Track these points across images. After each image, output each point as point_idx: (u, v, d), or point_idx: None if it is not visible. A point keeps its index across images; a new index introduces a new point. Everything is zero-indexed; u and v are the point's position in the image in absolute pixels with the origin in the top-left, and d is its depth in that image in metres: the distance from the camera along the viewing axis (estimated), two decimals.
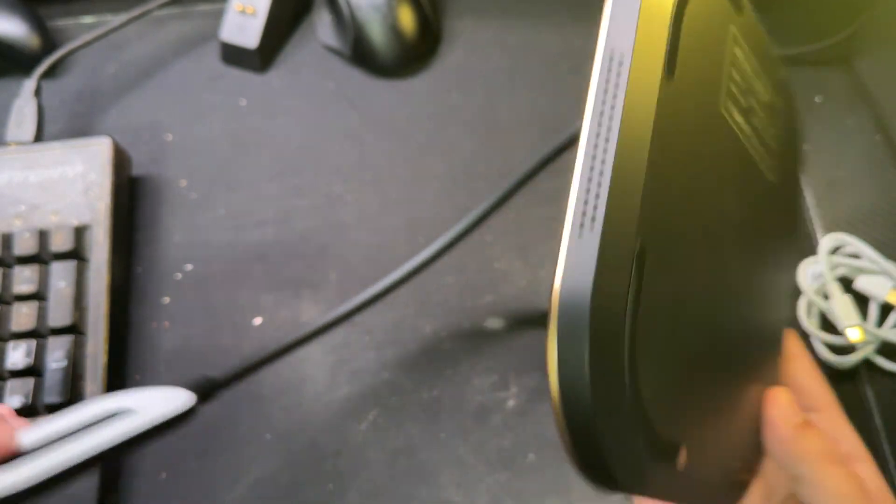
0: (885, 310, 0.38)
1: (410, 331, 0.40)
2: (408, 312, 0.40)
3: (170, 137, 0.46)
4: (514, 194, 0.37)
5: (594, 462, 0.17)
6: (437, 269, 0.37)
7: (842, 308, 0.37)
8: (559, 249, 0.17)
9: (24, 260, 0.38)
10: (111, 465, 0.36)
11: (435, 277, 0.40)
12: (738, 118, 0.22)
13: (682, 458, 0.19)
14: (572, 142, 0.36)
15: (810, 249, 0.41)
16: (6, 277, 0.38)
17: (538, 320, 0.40)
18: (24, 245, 0.38)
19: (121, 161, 0.42)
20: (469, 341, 0.40)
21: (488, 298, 0.41)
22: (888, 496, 0.25)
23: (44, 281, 0.38)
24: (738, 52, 0.22)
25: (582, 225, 0.17)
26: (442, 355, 0.39)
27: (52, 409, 0.36)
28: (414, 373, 0.39)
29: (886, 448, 0.37)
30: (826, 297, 0.38)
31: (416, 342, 0.40)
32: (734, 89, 0.22)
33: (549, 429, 0.37)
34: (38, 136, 0.43)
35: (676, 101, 0.19)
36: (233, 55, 0.48)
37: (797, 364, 0.27)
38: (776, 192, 0.26)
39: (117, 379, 0.39)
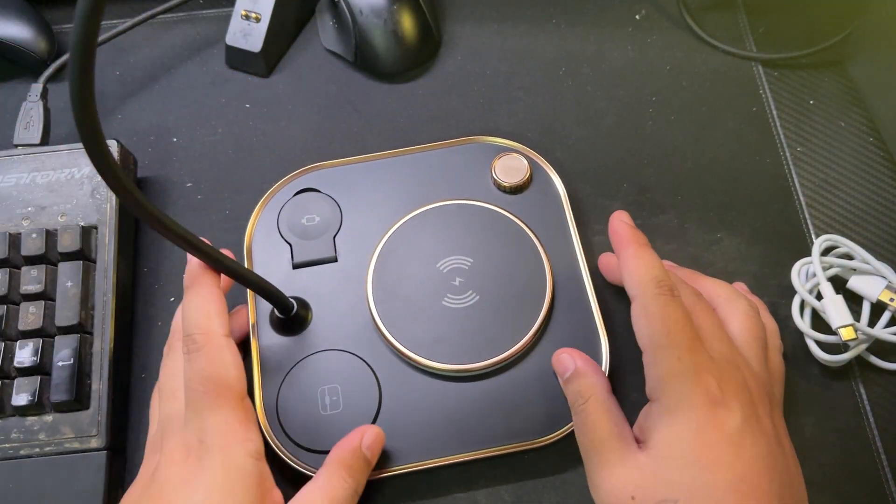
0: (878, 309, 0.39)
1: None
2: None
3: (175, 140, 0.46)
4: None
5: None
6: None
7: (834, 308, 0.37)
8: None
9: (32, 260, 0.39)
10: (117, 461, 0.37)
11: None
12: None
13: None
14: None
15: (803, 250, 0.41)
16: (14, 277, 0.38)
17: None
18: (32, 246, 0.39)
19: (127, 163, 0.43)
20: None
21: None
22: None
23: (51, 281, 0.39)
24: None
25: None
26: None
27: (59, 406, 0.36)
28: None
29: (879, 445, 0.37)
30: (819, 297, 0.38)
31: None
32: None
33: None
34: (45, 139, 0.43)
35: None
36: (238, 59, 0.48)
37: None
38: None
39: (123, 377, 0.39)
